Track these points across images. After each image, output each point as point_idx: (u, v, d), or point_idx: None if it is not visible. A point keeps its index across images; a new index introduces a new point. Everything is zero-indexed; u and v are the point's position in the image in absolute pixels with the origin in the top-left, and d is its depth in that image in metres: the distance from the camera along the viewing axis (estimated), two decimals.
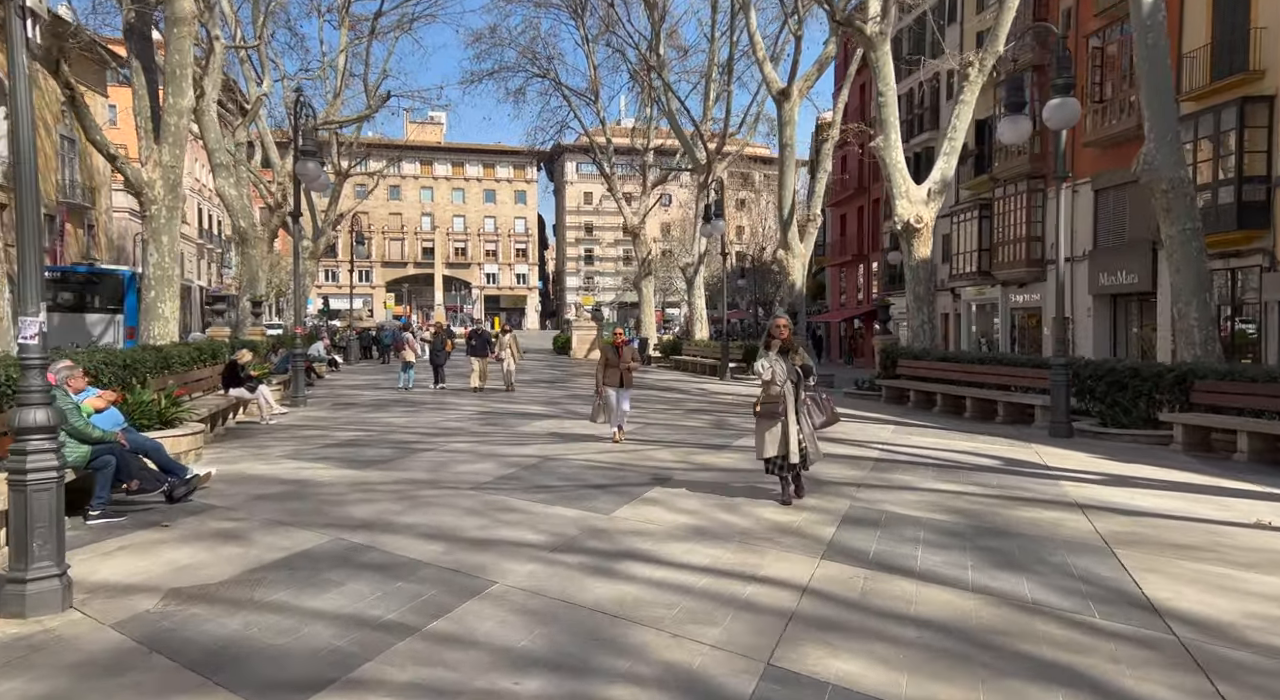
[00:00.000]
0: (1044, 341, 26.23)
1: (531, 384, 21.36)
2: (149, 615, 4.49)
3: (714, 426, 12.93)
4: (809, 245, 25.75)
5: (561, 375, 25.61)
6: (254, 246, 24.86)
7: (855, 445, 10.69)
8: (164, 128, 14.97)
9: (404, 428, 12.66)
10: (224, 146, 23.73)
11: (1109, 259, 22.41)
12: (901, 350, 18.30)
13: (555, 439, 11.36)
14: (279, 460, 9.70)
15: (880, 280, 39.00)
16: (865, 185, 40.58)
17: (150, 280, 14.90)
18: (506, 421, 13.44)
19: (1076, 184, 24.11)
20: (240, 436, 11.88)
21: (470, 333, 20.75)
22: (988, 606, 4.47)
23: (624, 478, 8.42)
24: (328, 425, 13.06)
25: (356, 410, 15.29)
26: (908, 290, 18.96)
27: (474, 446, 10.66)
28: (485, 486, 7.99)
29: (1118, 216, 22.36)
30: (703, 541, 5.87)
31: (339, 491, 7.79)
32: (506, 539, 6.00)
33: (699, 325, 32.06)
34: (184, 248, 55.35)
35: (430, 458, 9.77)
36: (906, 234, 18.56)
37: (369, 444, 10.95)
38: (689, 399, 17.91)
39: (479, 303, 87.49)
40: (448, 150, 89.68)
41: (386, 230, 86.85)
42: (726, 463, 9.36)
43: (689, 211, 74.16)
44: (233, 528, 6.42)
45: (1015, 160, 26.63)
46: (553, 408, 15.66)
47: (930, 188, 18.77)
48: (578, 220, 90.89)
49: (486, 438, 11.55)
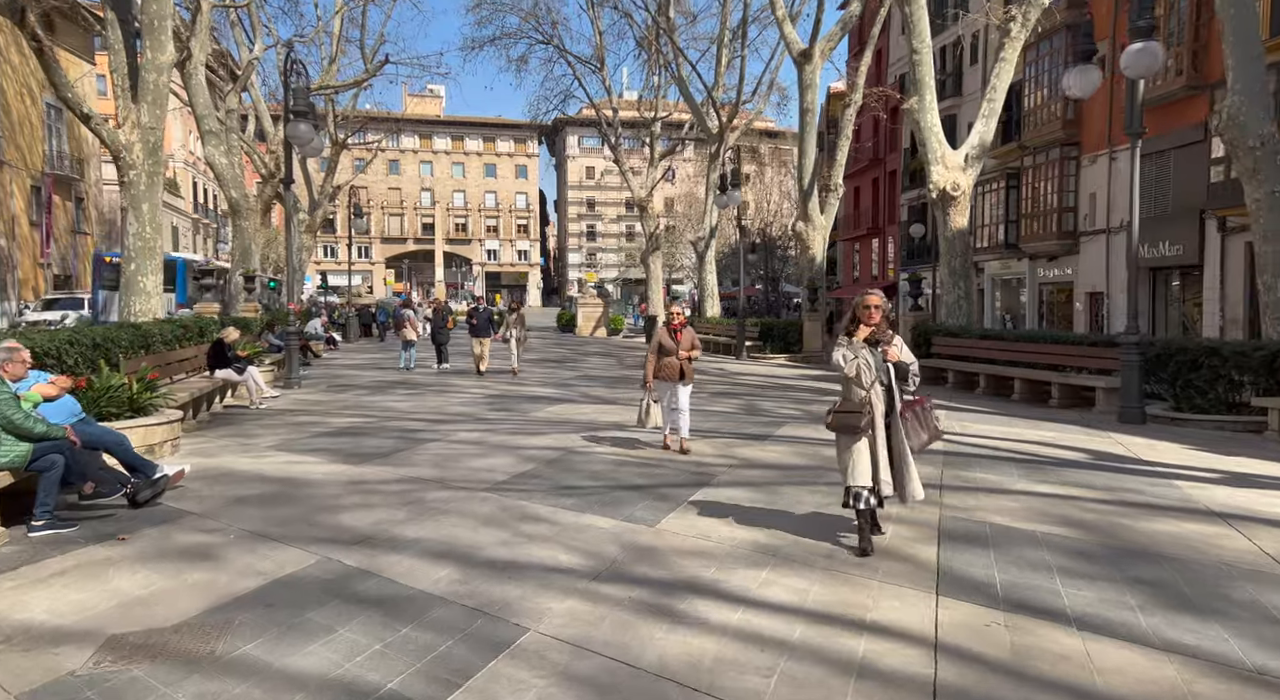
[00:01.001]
0: (1075, 317, 25.07)
1: (538, 364, 20.23)
2: (72, 681, 3.39)
3: (746, 412, 11.81)
4: (829, 217, 24.50)
5: (569, 354, 24.47)
6: (246, 219, 23.68)
7: None
8: (142, 85, 13.72)
9: (406, 413, 11.55)
10: (213, 113, 22.44)
11: (1151, 230, 21.13)
12: (936, 328, 17.15)
13: (573, 427, 10.24)
14: (267, 452, 8.60)
15: (898, 255, 37.74)
16: (880, 156, 39.19)
17: (130, 252, 13.71)
18: (517, 406, 12.33)
19: (1115, 151, 22.83)
20: (226, 423, 10.78)
21: (471, 311, 18.50)
22: (1199, 676, 3.34)
23: (660, 476, 7.31)
24: (323, 410, 11.96)
25: (355, 393, 14.18)
26: (942, 263, 17.76)
27: (484, 436, 9.56)
28: (501, 487, 6.88)
29: (1161, 184, 21.09)
30: (779, 568, 4.76)
31: (333, 493, 6.69)
32: (534, 560, 4.90)
33: (710, 302, 30.86)
34: (178, 222, 54.11)
35: (436, 450, 8.66)
36: (942, 203, 17.34)
37: (368, 432, 9.84)
38: (710, 380, 16.78)
39: (480, 279, 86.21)
40: (447, 124, 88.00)
41: (386, 206, 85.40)
42: (773, 457, 8.24)
43: (694, 186, 72.93)
44: (203, 543, 5.32)
45: (1046, 126, 25.29)
46: (565, 390, 14.55)
47: (968, 153, 17.52)
48: (580, 195, 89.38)
49: (497, 425, 10.44)
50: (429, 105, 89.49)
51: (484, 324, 17.24)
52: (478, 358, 17.02)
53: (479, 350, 17.04)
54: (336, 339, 27.85)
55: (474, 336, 17.26)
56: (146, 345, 11.32)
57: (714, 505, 6.23)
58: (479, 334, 17.18)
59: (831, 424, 5.14)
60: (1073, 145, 24.68)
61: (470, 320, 17.65)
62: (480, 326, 17.20)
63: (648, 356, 8.67)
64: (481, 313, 17.55)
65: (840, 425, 5.07)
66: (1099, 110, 23.49)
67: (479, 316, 17.39)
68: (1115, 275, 22.89)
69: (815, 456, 8.18)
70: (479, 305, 18.74)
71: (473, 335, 17.32)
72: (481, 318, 17.34)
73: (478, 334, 17.18)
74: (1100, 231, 23.52)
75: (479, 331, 17.19)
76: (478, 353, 17.03)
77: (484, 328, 17.21)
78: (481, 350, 17.06)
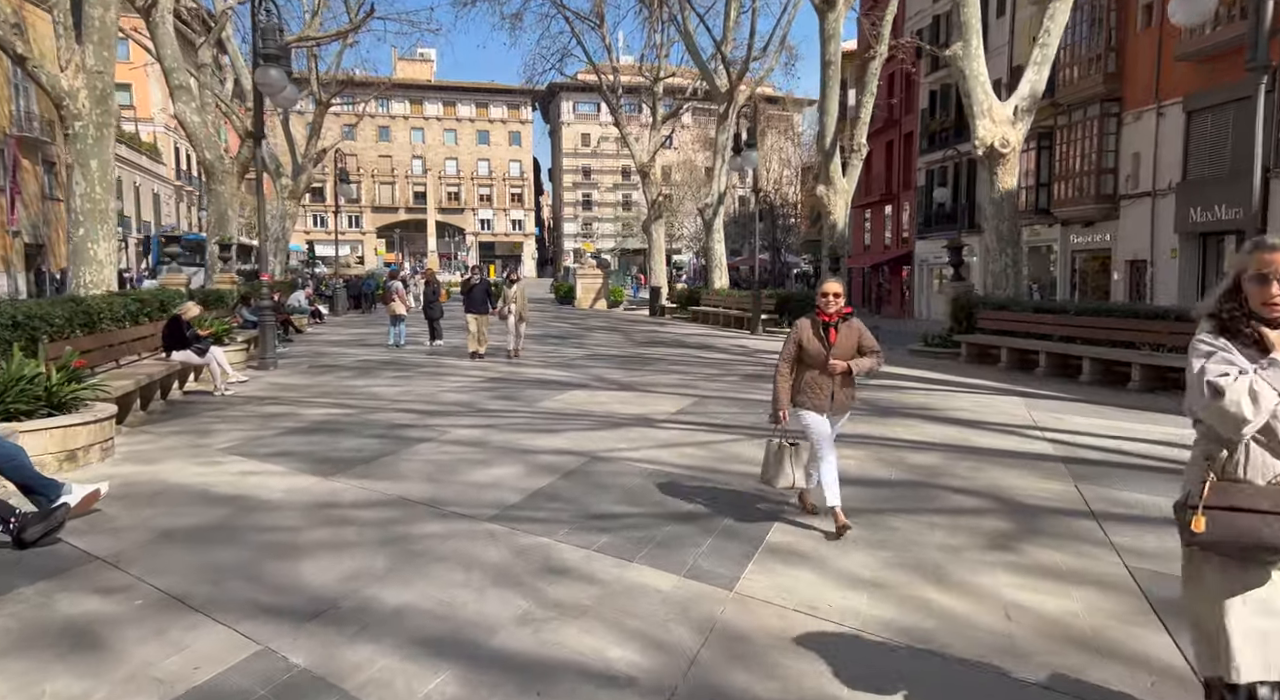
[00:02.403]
0: (1112, 288, 23.47)
1: (540, 340, 18.58)
2: None
3: None
4: (852, 179, 22.75)
5: (572, 329, 22.82)
6: (222, 182, 21.82)
7: (1001, 430, 8.00)
8: (86, 23, 11.90)
9: (394, 402, 9.93)
10: (183, 66, 20.50)
11: (1203, 191, 19.51)
12: (982, 300, 15.53)
13: (591, 422, 8.63)
14: (220, 457, 6.98)
15: (913, 223, 36.01)
16: (896, 118, 37.26)
17: (77, 215, 11.98)
18: (522, 393, 10.71)
19: (1162, 106, 21.08)
20: (183, 416, 9.14)
21: (465, 283, 16.01)
22: None
23: (717, 496, 5.71)
24: (298, 398, 10.32)
25: (337, 375, 12.54)
26: (988, 228, 16.10)
27: (485, 433, 7.95)
28: (512, 514, 5.28)
29: (1216, 142, 19.38)
30: (951, 683, 3.18)
31: (292, 524, 5.09)
32: (571, 658, 3.31)
33: (718, 273, 29.15)
34: (159, 189, 51.95)
35: (428, 454, 7.05)
36: (989, 160, 15.63)
37: (347, 428, 8.22)
38: (732, 359, 15.18)
39: (473, 249, 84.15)
40: (439, 88, 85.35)
41: (376, 174, 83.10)
42: (853, 466, 6.65)
43: (692, 154, 70.74)
44: (94, 615, 3.72)
45: (1085, 82, 23.47)
46: (574, 373, 12.92)
47: (1017, 105, 15.77)
48: (575, 164, 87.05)
49: (500, 419, 8.82)
50: (420, 69, 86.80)
51: (480, 298, 14.94)
52: (474, 337, 14.89)
53: (474, 328, 14.84)
54: (323, 312, 26.15)
55: (469, 313, 14.95)
56: (91, 323, 9.63)
57: (806, 548, 4.64)
58: (475, 309, 14.91)
59: (1201, 535, 2.18)
60: (1114, 101, 22.92)
61: (466, 294, 15.42)
62: (476, 301, 14.92)
63: (778, 368, 5.08)
64: (478, 285, 15.24)
65: (1222, 539, 2.17)
66: (1145, 61, 21.71)
67: (475, 290, 15.12)
68: (1161, 242, 21.27)
69: (901, 464, 6.59)
70: (475, 276, 15.96)
71: (468, 311, 14.97)
72: (478, 291, 15.03)
73: (473, 309, 14.92)
74: (1144, 194, 21.84)
75: (474, 306, 14.90)
76: (473, 331, 14.83)
77: (480, 302, 14.92)
78: (477, 328, 14.88)
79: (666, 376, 12.28)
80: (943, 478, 6.10)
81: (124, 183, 43.96)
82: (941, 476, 6.14)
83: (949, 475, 6.18)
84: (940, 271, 35.74)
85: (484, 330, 14.96)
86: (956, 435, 7.73)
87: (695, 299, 28.32)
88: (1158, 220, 21.30)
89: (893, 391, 10.74)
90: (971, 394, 10.61)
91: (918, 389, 11.02)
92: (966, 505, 5.38)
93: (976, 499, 5.52)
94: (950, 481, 5.99)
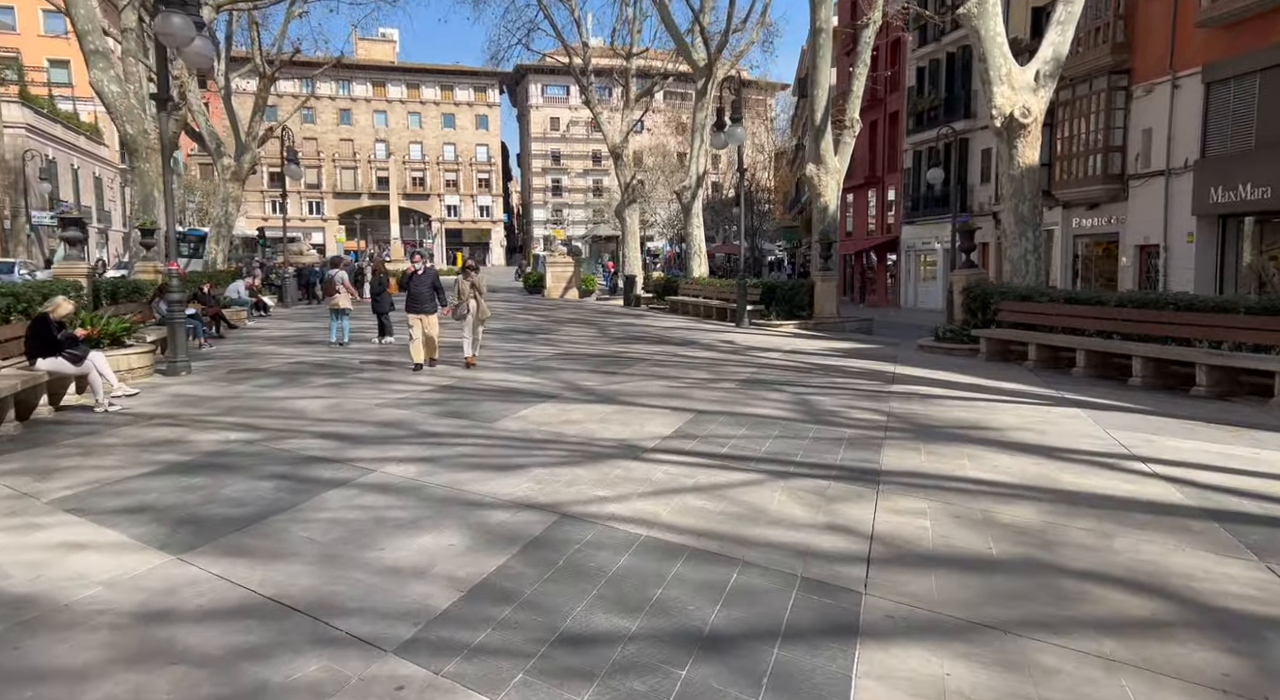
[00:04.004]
0: (1120, 274, 21.98)
1: (504, 336, 16.61)
2: None
3: (807, 416, 8.39)
4: (844, 158, 20.98)
5: (541, 323, 20.85)
6: (146, 160, 19.49)
7: (1092, 462, 6.22)
8: None
9: (316, 421, 7.96)
10: (99, 29, 18.16)
11: (1226, 169, 17.99)
12: (1000, 290, 13.82)
13: (561, 451, 6.74)
14: (43, 517, 5.00)
15: (899, 207, 34.39)
16: (880, 97, 35.52)
17: None
18: (478, 407, 8.78)
19: (1178, 77, 19.52)
20: (33, 445, 7.08)
21: (407, 275, 12.34)
22: None
23: (752, 594, 3.84)
24: (197, 415, 8.30)
25: (258, 382, 10.50)
26: (1005, 209, 14.39)
27: (423, 471, 6.02)
28: (438, 636, 3.38)
29: (1241, 115, 17.84)
30: None
31: (80, 664, 3.15)
32: None
33: (698, 260, 27.28)
34: (101, 172, 48.90)
35: (337, 508, 5.13)
36: (1008, 132, 13.91)
37: (240, 465, 6.25)
38: (722, 359, 13.35)
39: (439, 237, 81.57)
40: (402, 70, 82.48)
41: (338, 158, 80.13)
42: (929, 533, 4.80)
43: (663, 138, 68.66)
44: None
45: (1091, 53, 21.87)
46: (542, 379, 10.98)
47: (1039, 69, 14.08)
48: (544, 148, 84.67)
49: (445, 447, 6.90)
50: (381, 50, 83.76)
51: (425, 293, 11.71)
52: (417, 344, 11.60)
53: (418, 332, 11.57)
54: (268, 304, 23.87)
55: (410, 312, 11.72)
56: None
57: None
58: (418, 307, 11.67)
59: None
60: (1122, 73, 21.34)
61: (406, 287, 12.12)
62: (420, 296, 11.69)
63: None
64: (422, 277, 11.83)
65: None
66: (1158, 29, 20.13)
67: (417, 283, 11.79)
68: (1175, 224, 19.75)
69: (991, 524, 4.76)
70: (419, 265, 12.19)
71: (409, 310, 11.76)
72: (421, 285, 11.74)
73: (416, 308, 11.68)
74: (1156, 173, 20.30)
75: (418, 303, 11.69)
76: (417, 335, 11.57)
77: (425, 298, 11.69)
78: (422, 332, 11.59)
79: (651, 383, 10.41)
80: (1064, 551, 4.29)
81: (59, 165, 41.07)
82: (1061, 549, 4.33)
83: (1070, 545, 4.38)
84: (925, 258, 34.23)
85: (432, 334, 11.77)
86: (1038, 471, 5.94)
87: (673, 288, 26.47)
88: (1172, 201, 19.79)
89: (924, 402, 8.96)
90: (1017, 404, 8.85)
91: (951, 398, 9.26)
92: (1135, 612, 3.57)
93: (1141, 598, 3.70)
94: (1080, 559, 4.18)
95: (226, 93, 27.20)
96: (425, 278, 11.73)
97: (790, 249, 60.52)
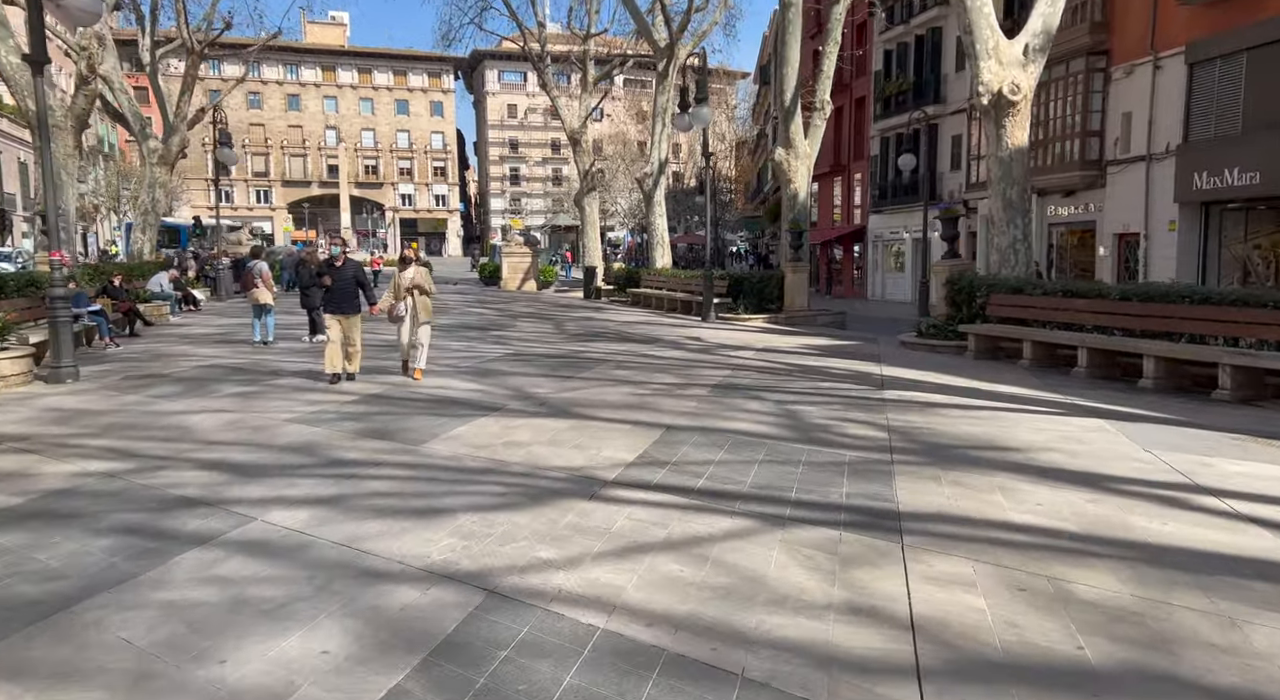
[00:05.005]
0: (1098, 265, 21.22)
1: (452, 333, 15.21)
2: None
3: (797, 435, 7.19)
4: (815, 142, 19.88)
5: (494, 318, 19.44)
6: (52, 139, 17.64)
7: (1156, 499, 5.09)
8: None
9: (203, 444, 6.55)
10: None
11: (1211, 154, 17.21)
12: (989, 282, 12.79)
13: (498, 486, 5.45)
14: None
15: (865, 196, 33.46)
16: (846, 82, 34.49)
17: None
18: (405, 422, 7.43)
19: (1160, 58, 18.70)
20: None
21: (322, 265, 10.38)
22: None
23: None
24: (61, 437, 6.84)
25: (154, 392, 9.01)
26: (993, 194, 13.36)
27: (314, 523, 4.68)
28: None
29: (1227, 97, 17.04)
30: None
31: None
32: None
33: (661, 250, 26.04)
34: (25, 157, 45.97)
35: (183, 583, 3.78)
36: (996, 111, 12.87)
37: (83, 510, 4.86)
38: (690, 360, 12.12)
39: (394, 226, 79.27)
40: (353, 54, 79.80)
41: (287, 145, 77.30)
42: (989, 616, 3.61)
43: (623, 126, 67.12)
44: None
45: (1067, 33, 20.93)
46: (488, 385, 9.64)
47: (1028, 42, 13.06)
48: (501, 136, 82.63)
49: (355, 481, 5.56)
50: (331, 33, 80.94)
51: (345, 291, 9.52)
52: (335, 350, 9.41)
53: (336, 334, 9.39)
54: (199, 298, 22.09)
55: (328, 312, 9.57)
56: None
57: None
58: (336, 307, 9.47)
59: None
60: (1100, 54, 20.51)
61: (317, 280, 10.09)
62: (340, 295, 9.50)
63: None
64: (342, 269, 9.56)
65: None
66: (1138, 8, 19.28)
67: (337, 277, 9.52)
68: (1157, 212, 18.98)
69: (1069, 603, 3.58)
70: (334, 249, 10.10)
71: (325, 310, 9.66)
72: (342, 281, 9.52)
73: (335, 307, 9.48)
74: (1137, 159, 19.50)
75: (336, 303, 9.48)
76: (334, 339, 9.39)
77: (345, 298, 9.50)
78: (342, 336, 9.41)
79: (611, 389, 9.13)
80: (1186, 654, 3.10)
81: None
82: (1181, 649, 3.13)
83: (1189, 642, 3.19)
84: (893, 248, 33.38)
85: (354, 339, 9.54)
86: (1095, 511, 4.78)
87: (635, 280, 25.19)
88: (1153, 188, 19.00)
89: (924, 412, 7.82)
90: (1028, 414, 7.75)
91: (952, 407, 8.13)
92: None
93: None
94: (1214, 669, 2.97)
95: (152, 70, 25.21)
96: (347, 270, 9.62)
97: (752, 239, 59.58)
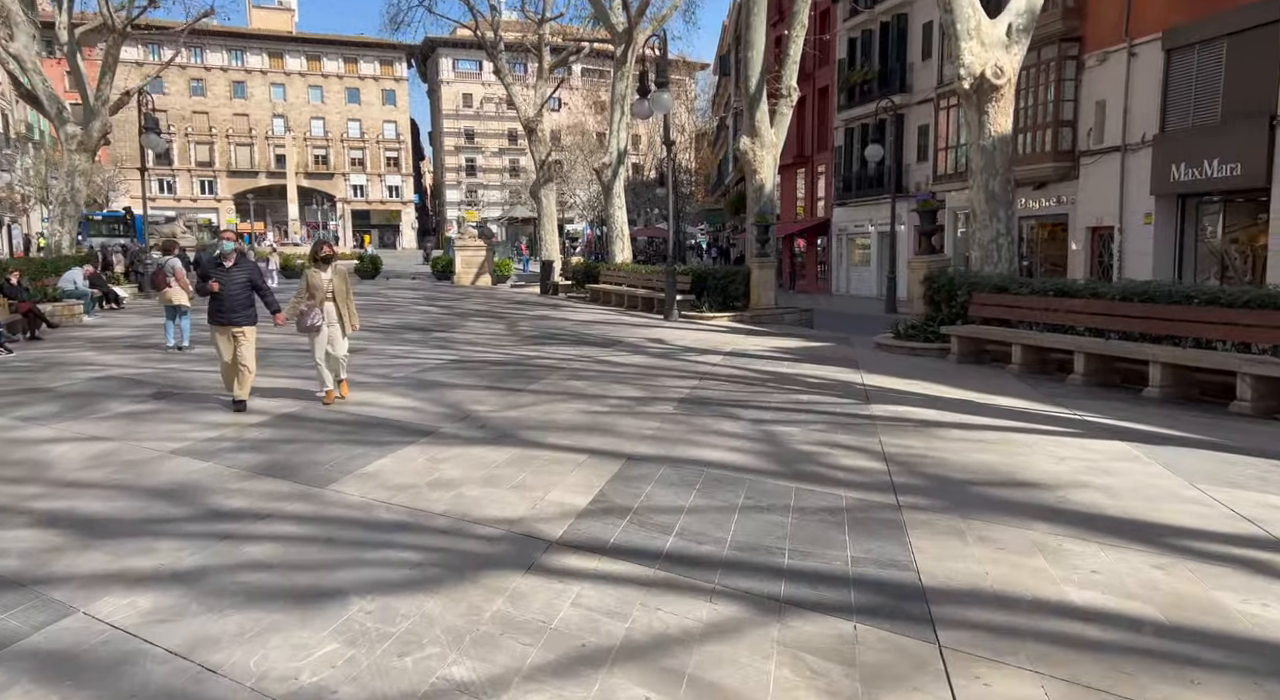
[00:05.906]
0: (1070, 259, 20.63)
1: (392, 336, 13.97)
2: None
3: (780, 464, 6.16)
4: (782, 130, 18.95)
5: (441, 316, 18.18)
6: None
7: (1220, 557, 4.14)
8: None
9: (57, 485, 5.32)
10: None
11: (1189, 145, 16.62)
12: (971, 280, 11.92)
13: (412, 552, 4.33)
14: None
15: (830, 188, 32.70)
16: (809, 71, 33.63)
17: None
18: (313, 454, 6.24)
19: (1134, 45, 18.08)
20: None
21: (209, 263, 8.62)
22: None
23: None
24: None
25: (26, 411, 7.68)
26: (974, 186, 12.51)
27: (155, 616, 3.51)
28: None
29: (1205, 85, 16.45)
30: None
31: None
32: None
33: (620, 244, 24.92)
34: None
35: None
36: (977, 95, 12.01)
37: None
38: (653, 366, 11.06)
39: (345, 218, 77.00)
40: (300, 41, 77.23)
41: (232, 134, 74.56)
42: None
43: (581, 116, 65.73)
44: None
45: (1039, 19, 20.25)
46: (420, 400, 8.46)
47: (1011, 22, 12.24)
48: (456, 126, 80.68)
49: (227, 545, 4.39)
50: (278, 18, 78.24)
51: (237, 296, 7.75)
52: (229, 370, 7.76)
53: (227, 354, 7.71)
54: (121, 296, 20.45)
55: (213, 323, 7.77)
56: None
57: None
58: (224, 317, 7.70)
59: None
60: (1073, 41, 19.86)
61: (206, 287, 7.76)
62: (230, 303, 7.71)
63: None
64: (233, 271, 7.83)
65: None
66: None
67: (225, 281, 7.73)
68: (1132, 205, 18.39)
69: None
70: (233, 253, 8.14)
71: (211, 320, 7.78)
72: (232, 285, 7.74)
73: (222, 317, 7.70)
74: (1111, 149, 18.89)
75: (225, 311, 7.70)
76: (226, 358, 7.73)
77: (236, 306, 7.73)
78: (233, 355, 7.67)
79: (563, 406, 8.02)
80: None
81: None
82: None
83: None
84: (858, 242, 32.70)
85: (247, 357, 7.71)
86: (1170, 584, 3.78)
87: (594, 275, 24.03)
88: (1128, 179, 18.40)
89: (922, 433, 6.84)
90: (1038, 435, 6.82)
91: (952, 426, 7.17)
92: None
93: None
94: None
95: (71, 50, 23.35)
96: (239, 271, 7.83)
97: (713, 233, 58.76)
